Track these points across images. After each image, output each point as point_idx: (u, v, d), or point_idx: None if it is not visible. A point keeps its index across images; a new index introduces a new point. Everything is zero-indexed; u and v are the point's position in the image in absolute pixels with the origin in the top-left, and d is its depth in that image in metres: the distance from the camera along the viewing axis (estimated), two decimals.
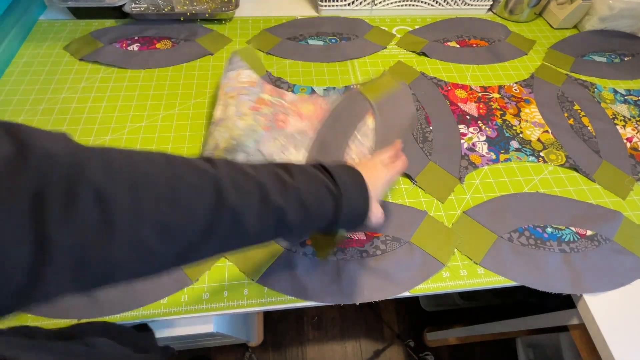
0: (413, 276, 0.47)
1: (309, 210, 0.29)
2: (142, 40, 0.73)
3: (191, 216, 0.23)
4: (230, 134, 0.51)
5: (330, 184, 0.31)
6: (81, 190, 0.19)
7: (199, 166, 0.25)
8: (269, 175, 0.28)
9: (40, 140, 0.19)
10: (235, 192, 0.25)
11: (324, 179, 0.31)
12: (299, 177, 0.30)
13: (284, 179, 0.29)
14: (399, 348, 1.13)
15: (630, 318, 0.46)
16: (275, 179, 0.28)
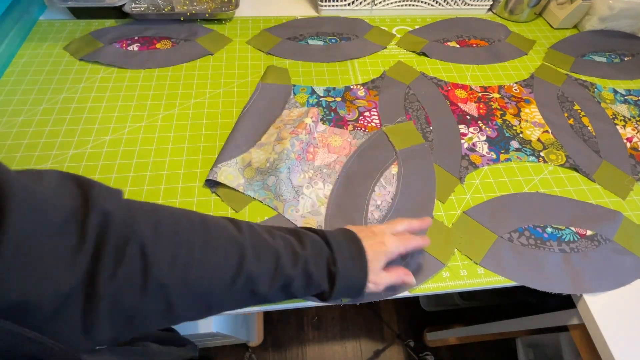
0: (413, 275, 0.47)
1: (311, 280, 0.33)
2: (142, 40, 0.73)
3: (214, 279, 0.27)
4: (267, 156, 0.53)
5: (331, 261, 0.34)
6: (130, 248, 0.22)
7: (229, 232, 0.29)
8: (285, 244, 0.32)
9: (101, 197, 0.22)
10: (255, 260, 0.29)
11: (328, 253, 0.34)
12: (308, 249, 0.33)
13: (296, 250, 0.32)
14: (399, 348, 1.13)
15: (630, 318, 0.46)
16: (289, 249, 0.32)
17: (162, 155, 0.56)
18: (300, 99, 0.65)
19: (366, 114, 0.64)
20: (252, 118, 0.61)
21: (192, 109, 0.63)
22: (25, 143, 0.56)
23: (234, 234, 0.29)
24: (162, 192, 0.52)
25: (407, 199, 0.53)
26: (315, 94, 0.67)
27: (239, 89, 0.67)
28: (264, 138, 0.58)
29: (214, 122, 0.61)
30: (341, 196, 0.53)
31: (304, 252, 0.32)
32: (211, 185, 0.53)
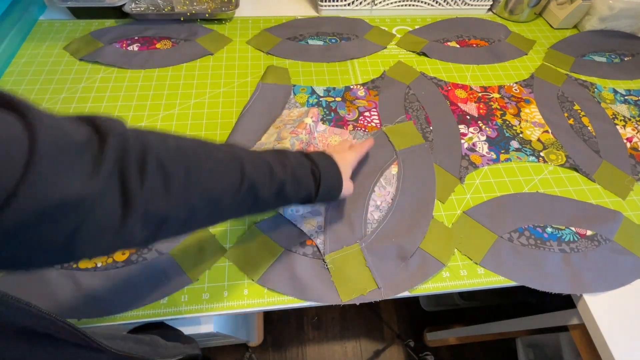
0: (413, 276, 0.47)
1: (299, 185, 0.38)
2: (142, 40, 0.73)
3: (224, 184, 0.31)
4: None
5: (314, 167, 0.40)
6: (149, 162, 0.25)
7: (225, 148, 0.33)
8: (273, 157, 0.37)
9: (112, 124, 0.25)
10: (252, 168, 0.33)
11: (310, 163, 0.40)
12: (292, 161, 0.38)
13: (284, 161, 0.37)
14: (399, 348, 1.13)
15: (630, 318, 0.46)
16: (278, 160, 0.37)
17: None
18: (300, 99, 0.65)
19: (366, 114, 0.64)
20: (252, 118, 0.61)
21: (192, 109, 0.63)
22: None
23: (230, 150, 0.33)
24: None
25: (407, 199, 0.53)
26: (315, 94, 0.67)
27: (239, 89, 0.67)
28: (264, 138, 0.58)
29: (214, 122, 0.61)
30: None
31: (290, 162, 0.38)
32: None
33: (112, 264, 0.46)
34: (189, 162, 0.29)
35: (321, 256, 0.48)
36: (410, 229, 0.50)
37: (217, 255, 0.47)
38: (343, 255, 0.48)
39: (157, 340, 0.38)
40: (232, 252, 0.48)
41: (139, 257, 0.46)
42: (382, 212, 0.52)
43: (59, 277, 0.44)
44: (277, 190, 0.36)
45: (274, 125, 0.60)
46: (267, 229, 0.50)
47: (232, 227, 0.50)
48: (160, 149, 0.27)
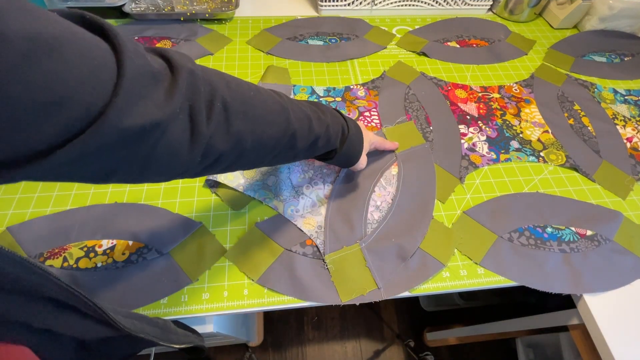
0: (413, 276, 0.47)
1: (329, 140, 0.41)
2: (142, 40, 0.73)
3: (273, 130, 0.33)
4: None
5: (345, 127, 0.43)
6: (215, 101, 0.27)
7: (275, 97, 0.35)
8: (312, 111, 0.39)
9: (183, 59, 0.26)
10: (296, 119, 0.35)
11: (342, 122, 0.43)
12: (328, 116, 0.41)
13: (320, 115, 0.40)
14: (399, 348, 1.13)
15: (630, 318, 0.46)
16: (316, 115, 0.39)
17: None
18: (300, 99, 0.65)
19: (366, 114, 0.64)
20: None
21: None
22: None
23: (278, 99, 0.35)
24: (162, 192, 0.52)
25: (407, 199, 0.53)
26: (315, 94, 0.67)
27: None
28: None
29: None
30: (341, 196, 0.53)
31: (326, 118, 0.40)
32: (211, 185, 0.53)
33: (112, 264, 0.46)
34: (247, 107, 0.30)
35: (321, 256, 0.48)
36: (410, 229, 0.50)
37: (217, 255, 0.47)
38: (343, 255, 0.48)
39: (170, 325, 0.38)
40: (232, 252, 0.48)
41: (139, 257, 0.46)
42: (382, 212, 0.52)
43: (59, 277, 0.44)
44: (311, 143, 0.38)
45: None
46: (267, 229, 0.50)
47: (232, 227, 0.50)
48: (225, 91, 0.28)
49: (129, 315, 0.31)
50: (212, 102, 0.27)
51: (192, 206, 0.51)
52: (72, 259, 0.46)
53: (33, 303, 0.22)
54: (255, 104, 0.31)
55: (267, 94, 0.34)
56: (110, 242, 0.47)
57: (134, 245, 0.47)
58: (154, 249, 0.47)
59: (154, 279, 0.45)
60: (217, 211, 0.51)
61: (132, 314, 0.32)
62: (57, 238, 0.47)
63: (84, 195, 0.52)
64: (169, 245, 0.47)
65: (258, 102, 0.32)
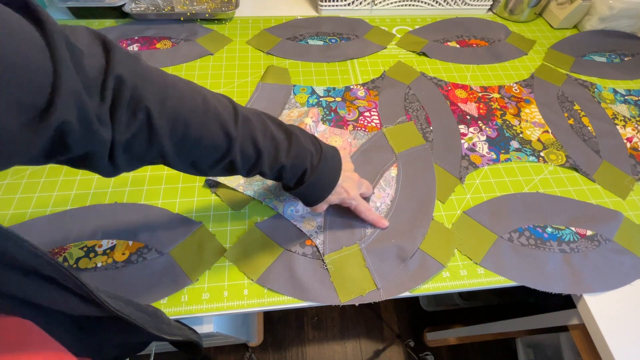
0: (412, 277, 0.47)
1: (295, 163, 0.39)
2: (142, 40, 0.73)
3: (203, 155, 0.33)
4: None
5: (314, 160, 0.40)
6: (139, 113, 0.27)
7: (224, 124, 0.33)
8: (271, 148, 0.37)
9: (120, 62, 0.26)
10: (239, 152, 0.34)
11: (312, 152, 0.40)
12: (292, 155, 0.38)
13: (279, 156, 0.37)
14: (399, 348, 1.13)
15: (630, 318, 0.46)
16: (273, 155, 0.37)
17: None
18: (300, 99, 0.65)
19: (366, 114, 0.64)
20: None
21: None
22: None
23: (229, 127, 0.33)
24: (162, 192, 0.52)
25: (407, 200, 0.53)
26: (315, 94, 0.67)
27: (239, 89, 0.67)
28: None
29: None
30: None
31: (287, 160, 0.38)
32: (211, 185, 0.53)
33: (112, 264, 0.46)
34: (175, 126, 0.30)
35: (321, 256, 0.48)
36: (410, 230, 0.50)
37: (217, 255, 0.47)
38: (342, 255, 0.48)
39: (162, 314, 0.37)
40: (231, 252, 0.48)
41: (139, 258, 0.46)
42: (382, 213, 0.52)
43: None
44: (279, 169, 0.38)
45: None
46: (267, 229, 0.50)
47: (232, 227, 0.50)
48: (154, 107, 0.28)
49: (115, 296, 0.31)
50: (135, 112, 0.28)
51: (192, 206, 0.51)
52: (72, 259, 0.46)
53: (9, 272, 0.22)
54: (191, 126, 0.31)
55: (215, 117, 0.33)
56: (110, 242, 0.47)
57: (134, 245, 0.47)
58: (154, 249, 0.47)
59: (154, 279, 0.45)
60: (217, 211, 0.51)
61: (120, 296, 0.32)
62: (57, 238, 0.47)
63: (84, 195, 0.52)
64: (169, 245, 0.47)
65: (195, 124, 0.31)
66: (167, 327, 0.36)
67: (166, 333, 0.34)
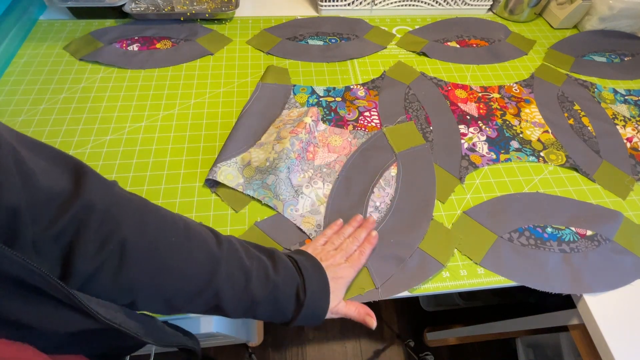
0: (412, 277, 0.47)
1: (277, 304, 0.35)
2: (142, 40, 0.73)
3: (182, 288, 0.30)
4: (266, 155, 0.54)
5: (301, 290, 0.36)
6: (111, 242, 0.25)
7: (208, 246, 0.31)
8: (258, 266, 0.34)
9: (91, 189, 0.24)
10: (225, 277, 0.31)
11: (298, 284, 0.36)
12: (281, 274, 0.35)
13: (269, 273, 0.34)
14: (399, 348, 1.13)
15: (630, 318, 0.46)
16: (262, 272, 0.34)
17: (162, 156, 0.56)
18: (300, 99, 0.66)
19: (366, 114, 0.64)
20: (252, 118, 0.61)
21: (192, 109, 0.63)
22: None
23: (213, 249, 0.31)
24: (162, 192, 0.52)
25: (406, 200, 0.53)
26: (315, 94, 0.67)
27: (239, 89, 0.67)
28: (264, 137, 0.58)
29: (214, 122, 0.61)
30: (341, 196, 0.53)
31: (276, 276, 0.34)
32: (211, 185, 0.53)
33: None
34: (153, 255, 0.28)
35: None
36: (409, 230, 0.50)
37: None
38: None
39: (156, 321, 0.36)
40: None
41: None
42: (381, 213, 0.52)
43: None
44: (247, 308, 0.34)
45: (273, 125, 0.60)
46: (267, 228, 0.50)
47: (232, 227, 0.50)
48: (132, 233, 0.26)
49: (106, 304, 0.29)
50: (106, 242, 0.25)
51: (192, 206, 0.51)
52: None
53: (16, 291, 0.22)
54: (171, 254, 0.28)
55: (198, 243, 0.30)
56: None
57: None
58: None
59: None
60: (217, 211, 0.51)
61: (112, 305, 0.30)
62: None
63: None
64: None
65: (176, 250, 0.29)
66: (162, 334, 0.35)
67: (158, 340, 0.33)
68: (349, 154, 0.58)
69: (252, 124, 0.60)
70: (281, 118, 0.61)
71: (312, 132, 0.58)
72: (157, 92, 0.65)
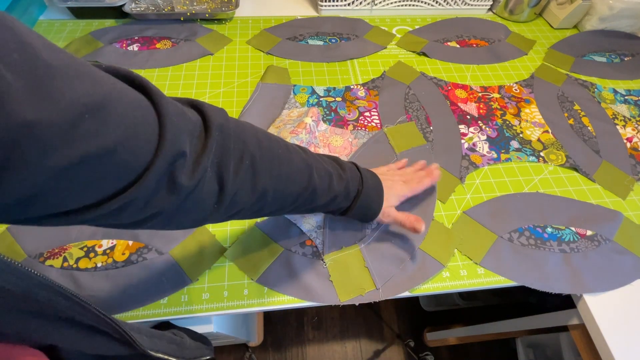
0: (412, 277, 0.47)
1: (348, 196, 0.42)
2: (142, 40, 0.73)
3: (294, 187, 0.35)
4: None
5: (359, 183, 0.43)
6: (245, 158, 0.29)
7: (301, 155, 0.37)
8: (333, 168, 0.41)
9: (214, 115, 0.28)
10: (318, 177, 0.37)
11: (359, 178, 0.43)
12: (348, 173, 0.42)
13: (340, 173, 0.41)
14: (399, 348, 1.13)
15: (630, 318, 0.46)
16: (337, 172, 0.41)
17: None
18: (300, 99, 0.66)
19: (366, 114, 0.64)
20: (252, 118, 0.61)
21: None
22: None
23: (304, 157, 0.37)
24: None
25: (407, 201, 0.53)
26: (315, 94, 0.67)
27: (239, 89, 0.67)
28: None
29: None
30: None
31: (345, 175, 0.41)
32: None
33: (112, 264, 0.46)
34: (273, 165, 0.32)
35: (320, 256, 0.48)
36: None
37: (217, 255, 0.47)
38: (342, 255, 0.48)
39: (186, 341, 0.39)
40: (231, 251, 0.48)
41: (139, 257, 0.46)
42: None
43: (59, 277, 0.44)
44: (330, 200, 0.40)
45: (273, 125, 0.60)
46: (267, 229, 0.50)
47: (232, 227, 0.50)
48: (254, 149, 0.30)
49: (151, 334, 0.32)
50: (242, 159, 0.29)
51: None
52: (72, 259, 0.46)
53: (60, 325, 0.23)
54: (282, 162, 0.33)
55: (295, 152, 0.36)
56: (110, 242, 0.47)
57: (134, 245, 0.47)
58: (154, 249, 0.47)
59: (154, 279, 0.45)
60: None
61: (154, 333, 0.33)
62: (57, 238, 0.47)
63: None
64: (168, 245, 0.47)
65: (285, 160, 0.34)
66: (189, 351, 0.38)
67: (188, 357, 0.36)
68: (350, 154, 0.58)
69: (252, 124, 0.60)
70: (281, 118, 0.61)
71: (312, 133, 0.58)
72: None
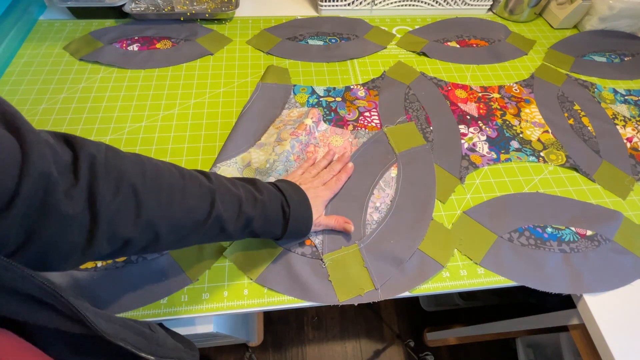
0: (411, 278, 0.47)
1: (268, 220, 0.40)
2: (142, 40, 0.73)
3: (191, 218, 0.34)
4: (267, 157, 0.54)
5: (284, 203, 0.42)
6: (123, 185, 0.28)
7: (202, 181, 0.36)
8: (245, 191, 0.39)
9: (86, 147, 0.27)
10: (221, 203, 0.36)
11: (281, 198, 0.42)
12: (266, 195, 0.40)
13: (255, 195, 0.39)
14: (399, 348, 1.13)
15: (630, 318, 0.46)
16: (250, 195, 0.39)
17: (162, 156, 0.56)
18: (300, 99, 0.66)
19: (366, 114, 0.64)
20: (252, 118, 0.61)
21: (192, 109, 0.63)
22: None
23: (206, 183, 0.36)
24: None
25: (406, 201, 0.53)
26: (315, 94, 0.67)
27: (239, 89, 0.67)
28: (264, 138, 0.58)
29: (214, 122, 0.61)
30: (340, 196, 0.53)
31: (263, 197, 0.40)
32: None
33: (111, 264, 0.46)
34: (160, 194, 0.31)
35: (319, 256, 0.48)
36: (409, 231, 0.50)
37: (216, 255, 0.47)
38: (341, 255, 0.48)
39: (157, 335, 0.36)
40: (231, 250, 0.48)
41: (139, 257, 0.46)
42: (381, 213, 0.52)
43: (58, 277, 0.44)
44: (244, 225, 0.38)
45: (273, 125, 0.60)
46: None
47: None
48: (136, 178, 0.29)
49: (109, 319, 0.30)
50: (118, 188, 0.28)
51: None
52: None
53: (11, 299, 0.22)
54: (174, 191, 0.32)
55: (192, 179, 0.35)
56: None
57: None
58: None
59: (154, 279, 0.45)
60: None
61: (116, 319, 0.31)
62: None
63: None
64: None
65: (177, 188, 0.33)
66: (162, 349, 0.35)
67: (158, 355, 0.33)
68: (350, 154, 0.58)
69: (252, 124, 0.60)
70: (281, 118, 0.61)
71: (312, 133, 0.58)
72: (157, 92, 0.65)
